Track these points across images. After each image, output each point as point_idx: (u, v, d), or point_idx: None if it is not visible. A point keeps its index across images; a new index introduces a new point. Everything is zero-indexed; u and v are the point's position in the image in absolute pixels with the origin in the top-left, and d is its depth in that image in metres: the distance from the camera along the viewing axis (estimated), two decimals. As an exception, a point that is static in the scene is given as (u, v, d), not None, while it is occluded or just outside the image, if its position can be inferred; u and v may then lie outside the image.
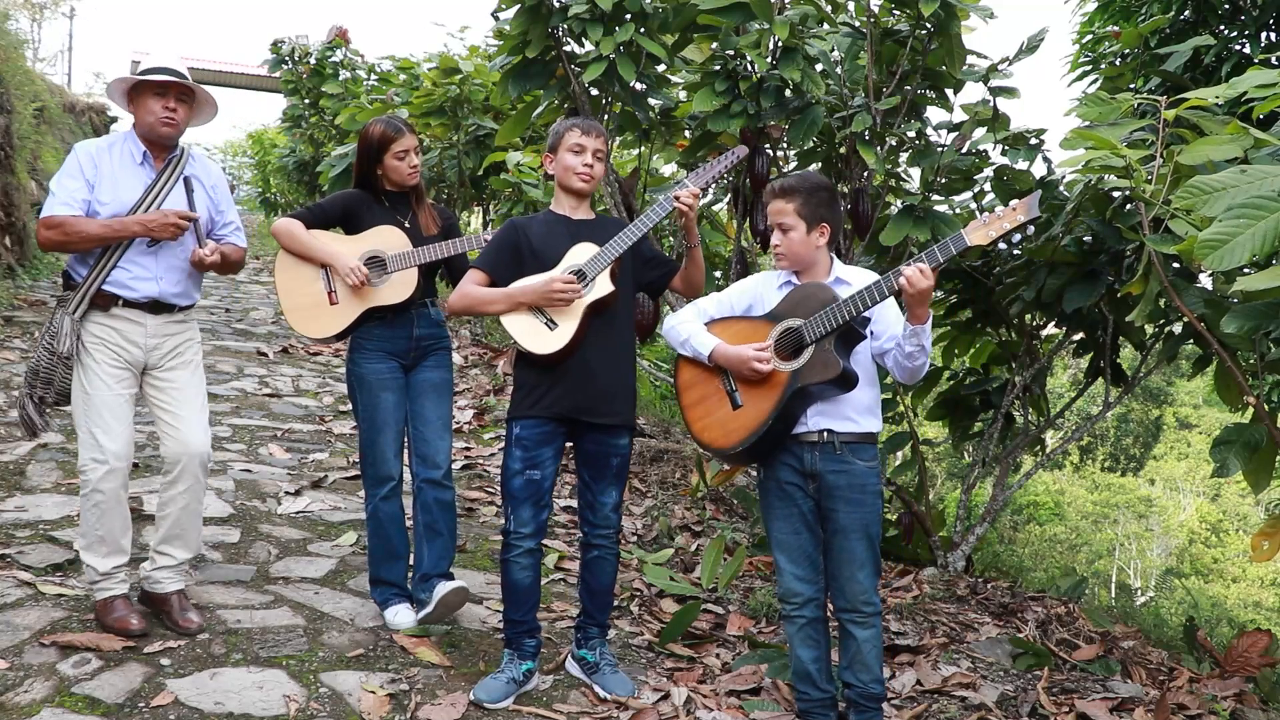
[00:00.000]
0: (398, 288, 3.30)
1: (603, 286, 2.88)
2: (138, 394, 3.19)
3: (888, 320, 2.72)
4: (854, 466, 2.69)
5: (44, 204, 3.07)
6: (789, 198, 2.74)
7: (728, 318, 2.84)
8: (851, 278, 2.78)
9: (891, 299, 2.63)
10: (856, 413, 2.71)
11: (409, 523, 3.50)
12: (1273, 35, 5.97)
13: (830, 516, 2.72)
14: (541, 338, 2.87)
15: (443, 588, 3.27)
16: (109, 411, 3.06)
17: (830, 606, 2.84)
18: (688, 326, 2.83)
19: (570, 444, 3.06)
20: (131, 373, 3.14)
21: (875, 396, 2.77)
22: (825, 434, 2.69)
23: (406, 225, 3.37)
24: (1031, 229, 2.55)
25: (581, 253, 2.91)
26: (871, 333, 2.72)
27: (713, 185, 3.09)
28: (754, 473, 5.31)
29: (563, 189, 3.02)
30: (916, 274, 2.49)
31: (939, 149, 4.30)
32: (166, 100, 3.10)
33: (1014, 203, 2.53)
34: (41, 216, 3.04)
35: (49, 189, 3.08)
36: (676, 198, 2.87)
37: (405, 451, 3.48)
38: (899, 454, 4.99)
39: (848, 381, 2.63)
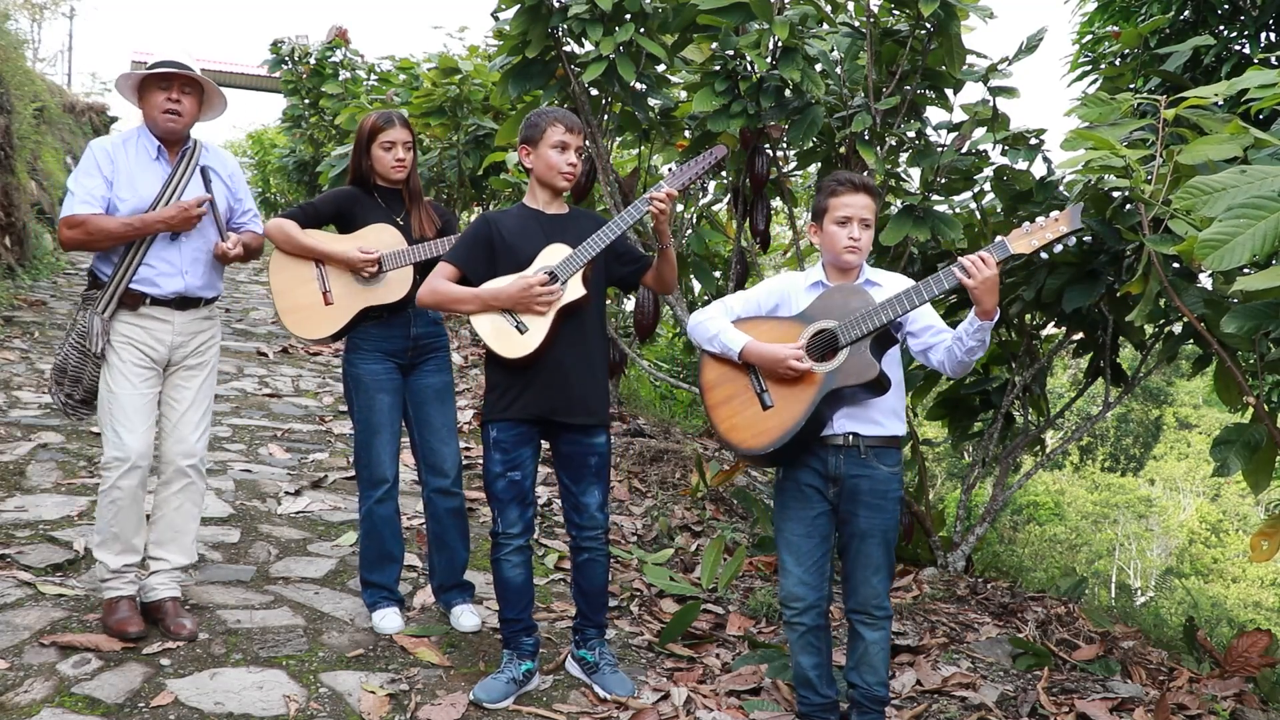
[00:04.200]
0: (393, 286, 3.29)
1: (575, 290, 2.85)
2: (161, 393, 3.20)
3: (927, 319, 2.69)
4: (878, 471, 2.67)
5: (63, 203, 3.07)
6: (873, 195, 2.73)
7: (754, 317, 2.80)
8: (881, 279, 2.77)
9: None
10: (883, 416, 2.69)
11: (407, 524, 3.50)
12: (1273, 35, 5.97)
13: (850, 520, 2.70)
14: (511, 341, 2.84)
15: (464, 622, 3.39)
16: (134, 410, 3.07)
17: (842, 607, 2.83)
18: (715, 323, 2.78)
19: (547, 445, 3.04)
20: (156, 371, 3.16)
21: (901, 400, 2.75)
22: (851, 437, 2.67)
23: (400, 223, 3.35)
24: (1073, 240, 2.52)
25: (554, 254, 2.88)
26: (912, 333, 2.70)
27: (695, 185, 3.06)
28: (754, 473, 5.31)
29: (543, 185, 2.97)
30: (977, 262, 2.46)
31: (939, 149, 4.30)
32: (170, 93, 3.09)
33: (1055, 214, 2.51)
34: (63, 216, 3.05)
35: (67, 188, 3.08)
36: (652, 198, 2.83)
37: (403, 454, 3.48)
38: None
39: (882, 385, 2.60)
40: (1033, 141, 4.09)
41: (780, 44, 4.25)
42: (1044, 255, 2.54)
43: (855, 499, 2.68)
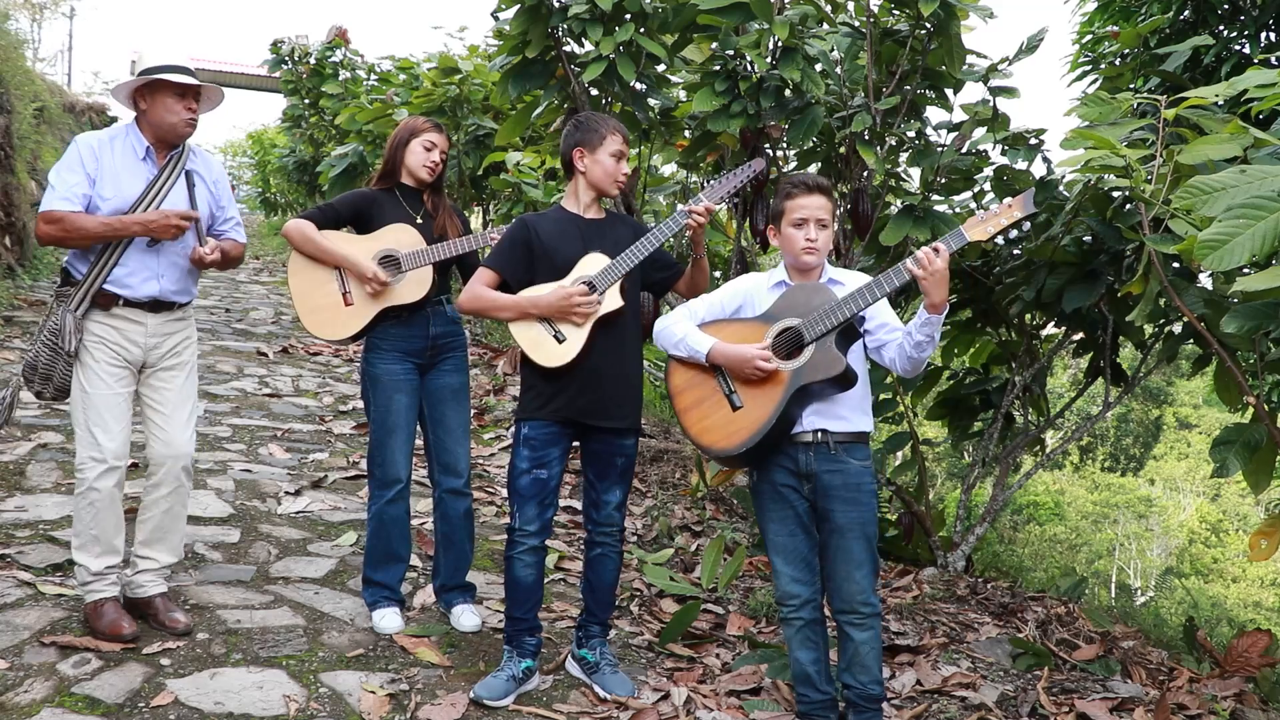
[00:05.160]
0: (413, 286, 3.29)
1: (612, 301, 2.88)
2: (135, 392, 3.18)
3: (883, 315, 2.72)
4: (849, 466, 2.69)
5: (44, 197, 3.03)
6: (828, 196, 2.76)
7: (719, 320, 2.82)
8: (844, 278, 2.79)
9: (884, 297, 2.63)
10: (850, 411, 2.71)
11: (414, 524, 3.50)
12: (1273, 35, 5.97)
13: (827, 517, 2.71)
14: (549, 349, 2.87)
15: (464, 622, 3.39)
16: (108, 410, 3.04)
17: (828, 609, 2.84)
18: (681, 327, 2.80)
19: (576, 443, 3.06)
20: (130, 371, 3.12)
21: (867, 395, 2.77)
22: (820, 434, 2.69)
23: (418, 223, 3.36)
24: (1028, 225, 2.55)
25: (592, 264, 2.90)
26: (867, 329, 2.73)
27: (731, 197, 3.08)
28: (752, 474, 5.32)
29: (592, 188, 2.98)
30: (929, 254, 2.48)
31: (939, 149, 4.30)
32: (188, 101, 3.08)
33: (1009, 200, 2.55)
34: (41, 210, 3.00)
35: (48, 181, 3.03)
36: (691, 212, 2.87)
37: (417, 455, 3.48)
38: (899, 454, 4.99)
39: (848, 380, 2.63)
40: (1033, 141, 4.09)
41: (780, 44, 4.24)
42: (999, 241, 2.57)
43: (829, 495, 2.69)
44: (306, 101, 12.24)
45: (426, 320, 3.35)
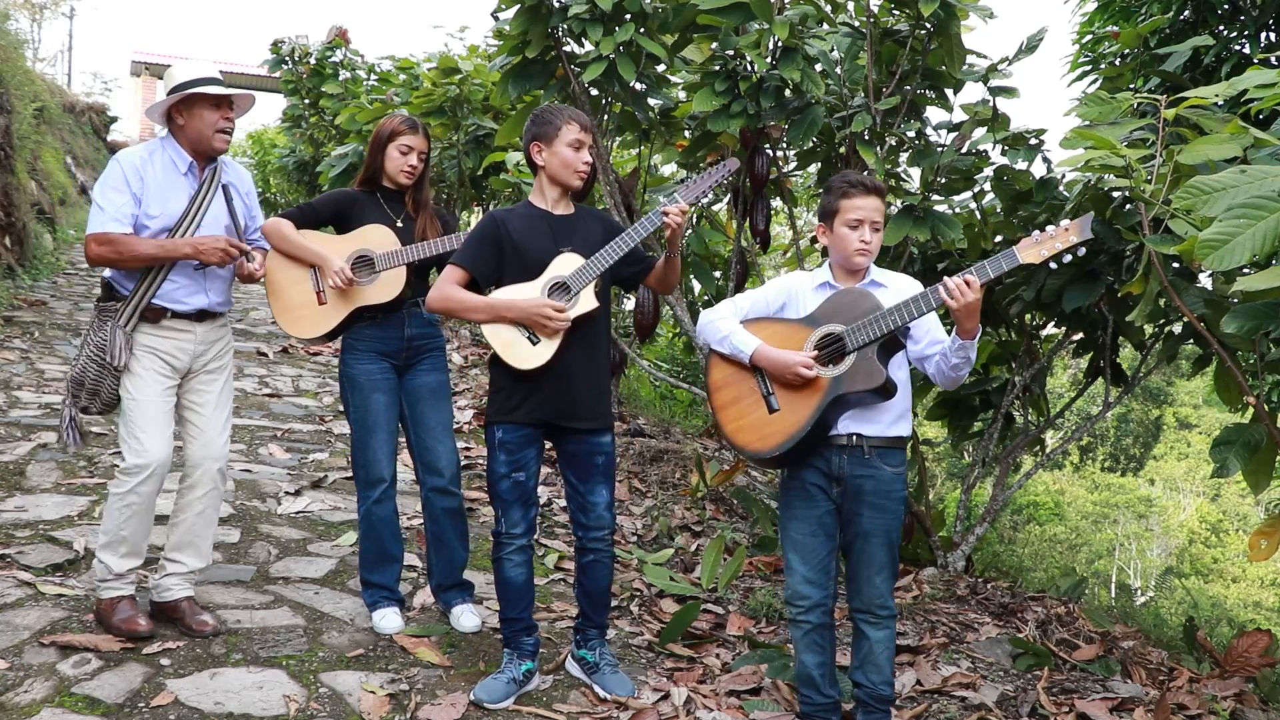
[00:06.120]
0: (386, 286, 3.28)
1: (587, 302, 2.86)
2: (182, 398, 3.20)
3: (927, 325, 2.69)
4: (881, 472, 2.68)
5: (91, 217, 3.04)
6: (883, 198, 2.74)
7: (763, 318, 2.80)
8: (886, 280, 2.77)
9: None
10: (888, 417, 2.69)
11: (406, 524, 3.50)
12: (1273, 35, 5.97)
13: (853, 520, 2.70)
14: (523, 352, 2.85)
15: (464, 622, 3.38)
16: (155, 416, 3.07)
17: (845, 606, 2.83)
18: (726, 324, 2.78)
19: (552, 445, 3.04)
20: (176, 379, 3.16)
21: (907, 402, 2.75)
22: (855, 437, 2.67)
23: (399, 225, 3.36)
24: (1083, 250, 2.52)
25: (566, 264, 2.87)
26: (912, 337, 2.70)
27: (705, 197, 3.06)
28: (754, 473, 5.31)
29: (555, 183, 2.95)
30: (961, 286, 2.47)
31: (939, 149, 4.30)
32: (224, 111, 3.09)
33: (1065, 222, 2.51)
34: (92, 231, 3.01)
35: (94, 200, 3.04)
36: (665, 213, 2.84)
37: (403, 454, 3.47)
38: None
39: (888, 391, 2.61)
40: (1033, 141, 4.09)
41: (780, 44, 4.24)
42: (1052, 265, 2.54)
43: (859, 499, 2.68)
44: (306, 101, 12.23)
45: (402, 321, 3.34)
